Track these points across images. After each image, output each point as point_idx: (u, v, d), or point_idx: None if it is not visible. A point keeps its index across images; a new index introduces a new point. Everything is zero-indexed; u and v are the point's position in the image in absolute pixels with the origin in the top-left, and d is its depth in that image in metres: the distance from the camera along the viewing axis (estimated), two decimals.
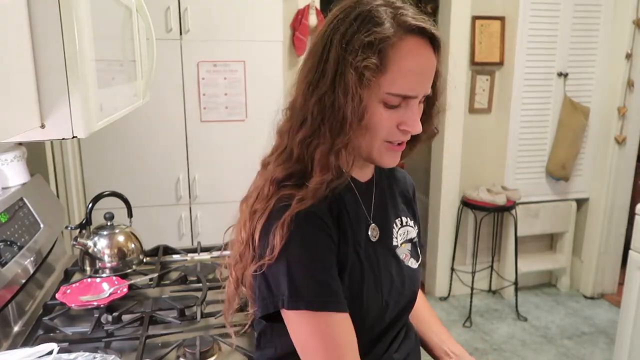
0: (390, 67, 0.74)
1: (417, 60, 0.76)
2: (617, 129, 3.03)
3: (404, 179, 1.01)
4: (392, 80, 0.74)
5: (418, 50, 0.76)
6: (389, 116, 0.77)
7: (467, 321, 2.92)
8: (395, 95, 0.75)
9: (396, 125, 0.78)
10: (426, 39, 0.77)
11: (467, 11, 2.85)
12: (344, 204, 0.83)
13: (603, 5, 2.94)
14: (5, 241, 1.15)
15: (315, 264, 0.75)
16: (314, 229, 0.76)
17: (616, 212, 3.15)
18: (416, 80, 0.76)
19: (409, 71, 0.75)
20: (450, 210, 3.11)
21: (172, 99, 2.27)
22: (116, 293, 1.24)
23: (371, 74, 0.73)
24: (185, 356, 1.03)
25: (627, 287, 2.11)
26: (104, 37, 0.88)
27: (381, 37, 0.73)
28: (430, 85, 0.79)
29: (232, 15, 2.23)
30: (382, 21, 0.74)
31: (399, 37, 0.74)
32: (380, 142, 0.79)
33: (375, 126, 0.77)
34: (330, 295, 0.74)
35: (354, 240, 0.82)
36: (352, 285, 0.79)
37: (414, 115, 0.77)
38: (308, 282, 0.74)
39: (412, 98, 0.77)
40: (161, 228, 2.32)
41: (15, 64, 0.62)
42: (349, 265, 0.79)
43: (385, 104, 0.76)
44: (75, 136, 0.72)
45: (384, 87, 0.74)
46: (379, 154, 0.80)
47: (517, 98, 2.99)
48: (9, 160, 1.33)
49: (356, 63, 0.72)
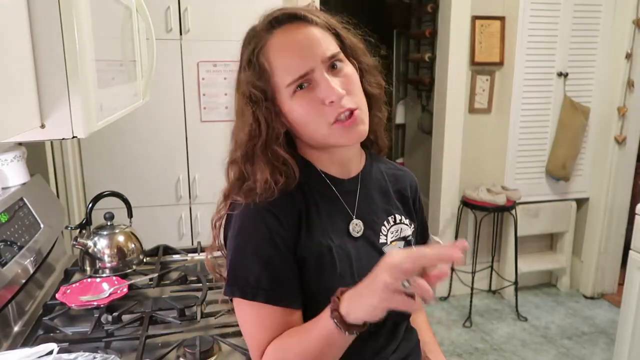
0: (272, 66, 0.80)
1: (287, 44, 0.79)
2: (617, 129, 3.03)
3: (404, 177, 1.01)
4: (281, 75, 0.79)
5: (284, 34, 0.80)
6: (308, 101, 0.79)
7: (467, 321, 2.92)
8: (292, 84, 0.79)
9: (322, 104, 0.79)
10: (290, 21, 0.81)
11: (467, 11, 2.84)
12: (314, 199, 0.85)
13: (603, 5, 2.94)
14: (5, 241, 1.15)
15: (252, 255, 0.80)
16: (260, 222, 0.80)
17: (616, 212, 3.15)
18: (297, 59, 0.79)
19: (286, 55, 0.79)
20: (450, 210, 3.11)
21: (172, 99, 2.26)
22: (116, 293, 1.24)
23: (254, 86, 0.80)
24: (185, 356, 1.03)
25: (627, 287, 2.11)
26: (104, 37, 0.88)
27: (250, 49, 0.82)
28: (320, 51, 0.79)
29: (232, 15, 2.23)
30: (251, 38, 0.83)
31: (265, 39, 0.81)
32: (323, 127, 0.80)
33: (304, 117, 0.80)
34: (262, 287, 0.78)
35: (325, 235, 0.83)
36: (320, 276, 0.81)
37: (327, 84, 0.78)
38: (243, 271, 0.80)
39: (308, 74, 0.78)
40: (161, 228, 2.32)
41: (15, 64, 0.62)
42: (314, 259, 0.81)
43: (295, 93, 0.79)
44: (75, 136, 0.72)
45: (282, 85, 0.79)
46: (331, 137, 0.81)
47: (517, 98, 2.98)
48: (9, 160, 1.33)
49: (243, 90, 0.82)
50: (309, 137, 0.84)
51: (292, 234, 0.81)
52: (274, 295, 0.78)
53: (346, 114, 0.80)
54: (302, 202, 0.84)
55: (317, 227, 0.83)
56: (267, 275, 0.79)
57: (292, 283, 0.80)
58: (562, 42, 2.95)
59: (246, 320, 0.82)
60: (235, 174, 0.86)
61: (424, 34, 3.26)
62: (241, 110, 0.83)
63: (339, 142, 0.83)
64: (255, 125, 0.81)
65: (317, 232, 0.83)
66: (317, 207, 0.85)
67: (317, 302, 0.80)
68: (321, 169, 0.88)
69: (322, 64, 0.79)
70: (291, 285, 0.80)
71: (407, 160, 3.95)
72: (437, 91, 3.08)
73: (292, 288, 0.80)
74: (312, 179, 0.87)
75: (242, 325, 0.83)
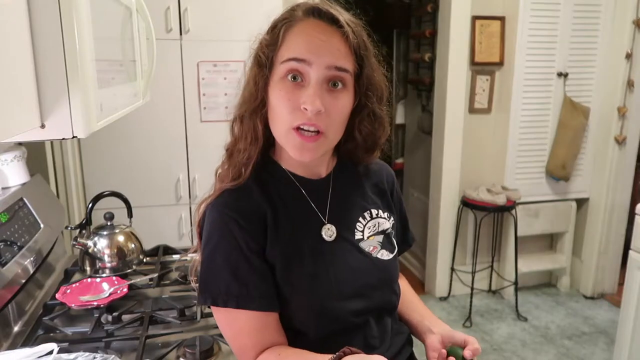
0: (284, 41, 0.80)
1: (311, 31, 0.80)
2: (617, 129, 3.03)
3: (380, 171, 1.01)
4: (285, 49, 0.80)
5: (315, 26, 0.80)
6: (289, 94, 0.79)
7: (467, 321, 2.92)
8: (287, 61, 0.78)
9: (298, 105, 0.78)
10: (330, 24, 0.80)
11: (467, 11, 2.84)
12: (282, 201, 0.85)
13: (603, 5, 2.94)
14: (5, 241, 1.15)
15: (221, 263, 0.81)
16: (226, 229, 0.81)
17: (616, 212, 3.15)
18: (308, 47, 0.78)
19: (300, 38, 0.79)
20: (450, 210, 3.11)
21: (172, 99, 2.26)
22: (116, 293, 1.24)
23: (261, 50, 0.81)
24: (185, 356, 1.03)
25: (627, 287, 2.11)
26: (104, 37, 0.88)
27: (281, 19, 0.82)
28: (331, 59, 0.78)
29: (232, 15, 2.23)
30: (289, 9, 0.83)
31: (298, 19, 0.81)
32: (285, 125, 0.80)
33: (277, 103, 0.80)
34: (232, 293, 0.79)
35: (296, 236, 0.84)
36: (289, 277, 0.82)
37: (314, 91, 0.78)
38: (213, 279, 0.81)
39: (306, 65, 0.78)
40: (161, 228, 2.32)
41: (15, 64, 0.62)
42: (283, 260, 0.82)
43: (285, 78, 0.79)
44: (75, 136, 0.72)
45: (280, 58, 0.80)
46: (286, 140, 0.82)
47: (517, 98, 2.98)
48: (9, 160, 1.33)
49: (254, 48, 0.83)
50: (273, 127, 0.84)
51: (257, 239, 0.82)
52: (246, 299, 0.80)
53: (310, 129, 0.79)
54: (267, 206, 0.84)
55: (286, 229, 0.84)
56: (236, 281, 0.80)
57: (262, 286, 0.81)
58: (562, 42, 2.95)
59: (224, 326, 0.85)
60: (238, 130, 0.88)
61: (424, 34, 3.26)
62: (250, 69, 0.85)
63: (290, 150, 0.82)
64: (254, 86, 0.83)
65: (286, 235, 0.84)
66: (285, 209, 0.85)
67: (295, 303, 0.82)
68: (289, 169, 0.89)
69: (324, 69, 0.78)
70: (262, 288, 0.81)
71: (407, 160, 3.95)
72: (437, 91, 3.08)
73: (263, 291, 0.81)
74: (279, 179, 0.87)
75: (222, 331, 0.86)
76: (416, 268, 3.60)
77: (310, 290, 0.83)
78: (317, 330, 0.84)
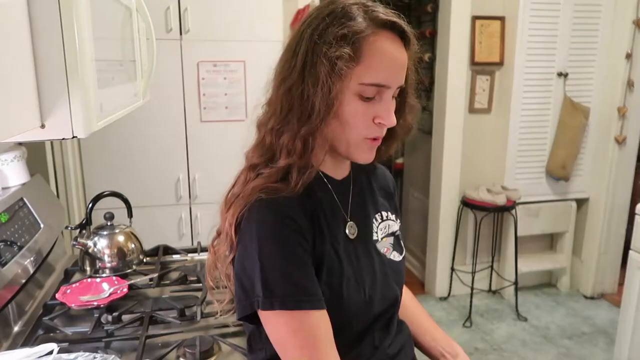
0: (363, 59, 0.76)
1: (390, 52, 0.78)
2: (617, 129, 3.03)
3: (383, 174, 1.03)
4: (366, 71, 0.77)
5: (391, 43, 0.79)
6: (364, 110, 0.79)
7: (467, 321, 2.92)
8: (368, 85, 0.77)
9: (372, 119, 0.80)
10: (397, 33, 0.80)
11: (467, 11, 2.84)
12: (319, 202, 0.85)
13: (603, 5, 2.94)
14: (5, 241, 1.15)
15: (287, 264, 0.76)
16: (286, 229, 0.77)
17: (616, 212, 3.15)
18: (389, 71, 0.78)
19: (381, 62, 0.77)
20: (450, 210, 3.11)
21: (172, 99, 2.26)
22: (116, 293, 1.24)
23: (344, 63, 0.75)
24: (185, 356, 1.03)
25: (627, 287, 2.11)
26: (104, 37, 0.88)
27: (355, 29, 0.76)
28: (402, 78, 0.81)
29: (232, 15, 2.23)
30: (354, 16, 0.77)
31: (372, 31, 0.77)
32: (358, 137, 0.81)
33: (351, 119, 0.79)
34: (304, 294, 0.76)
35: (332, 238, 0.83)
36: (332, 281, 0.81)
37: (389, 107, 0.80)
38: (281, 281, 0.75)
39: (385, 88, 0.79)
40: (161, 228, 2.32)
41: (15, 64, 0.62)
42: (326, 263, 0.81)
43: (360, 96, 0.78)
44: (75, 136, 0.71)
45: (357, 79, 0.77)
46: (356, 149, 0.82)
47: (517, 98, 2.98)
48: (9, 160, 1.33)
49: (330, 53, 0.75)
50: (337, 137, 0.81)
51: (310, 237, 0.80)
52: (317, 299, 0.77)
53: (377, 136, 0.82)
54: (311, 205, 0.83)
55: (326, 230, 0.83)
56: (306, 281, 0.76)
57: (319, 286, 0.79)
58: (562, 42, 2.95)
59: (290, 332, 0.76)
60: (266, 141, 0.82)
61: (424, 34, 3.26)
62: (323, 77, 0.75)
63: (359, 158, 0.84)
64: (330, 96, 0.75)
65: (327, 235, 0.83)
66: (322, 209, 0.85)
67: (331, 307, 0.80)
68: (321, 169, 0.88)
69: (397, 89, 0.81)
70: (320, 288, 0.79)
71: (407, 160, 3.95)
72: (437, 91, 3.08)
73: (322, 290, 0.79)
74: (314, 180, 0.86)
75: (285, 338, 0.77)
76: (416, 268, 3.60)
77: (345, 295, 0.82)
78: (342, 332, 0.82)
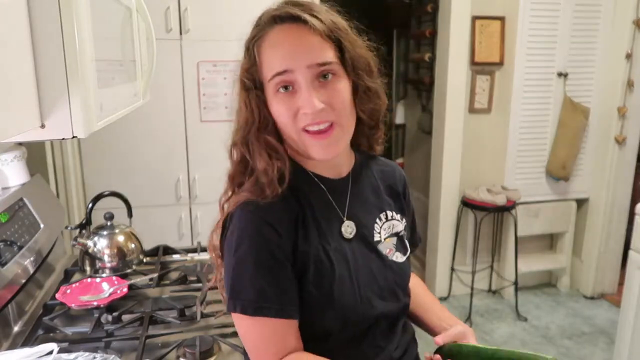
0: (261, 59, 0.81)
1: (280, 40, 0.80)
2: (617, 129, 3.03)
3: (393, 172, 1.01)
4: (266, 67, 0.81)
5: (280, 32, 0.81)
6: (287, 105, 0.80)
7: (467, 321, 2.92)
8: (273, 78, 0.80)
9: (297, 111, 0.80)
10: (294, 22, 0.80)
11: (467, 11, 2.84)
12: (308, 202, 0.85)
13: (603, 5, 2.94)
14: (5, 241, 1.15)
15: (256, 270, 0.78)
16: (262, 236, 0.79)
17: (616, 212, 3.15)
18: (284, 56, 0.79)
19: (274, 52, 0.80)
20: (450, 210, 3.11)
21: (172, 99, 2.27)
22: (116, 293, 1.24)
23: (244, 74, 0.83)
24: (185, 356, 1.03)
25: (627, 287, 2.11)
26: (104, 37, 0.88)
27: (248, 39, 0.84)
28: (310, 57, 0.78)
29: (232, 15, 2.23)
30: (255, 25, 0.84)
31: (264, 32, 0.82)
32: (293, 131, 0.81)
33: (280, 117, 0.82)
34: (265, 301, 0.78)
35: (321, 239, 0.83)
36: (321, 282, 0.81)
37: (308, 94, 0.79)
38: (247, 286, 0.78)
39: (290, 73, 0.78)
40: (161, 228, 2.32)
41: (15, 64, 0.62)
42: (313, 264, 0.81)
43: (277, 92, 0.81)
44: (75, 136, 0.72)
45: (265, 78, 0.81)
46: (304, 145, 0.83)
47: (517, 98, 2.98)
48: (9, 160, 1.33)
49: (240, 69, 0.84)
50: (286, 137, 0.85)
51: (290, 242, 0.81)
52: (277, 308, 0.78)
53: (320, 126, 0.80)
54: (297, 207, 0.83)
55: (314, 231, 0.83)
56: (270, 289, 0.78)
57: (292, 293, 0.80)
58: (562, 42, 2.95)
59: (248, 334, 0.82)
60: (237, 156, 0.88)
61: (424, 34, 3.26)
62: (238, 95, 0.86)
63: (312, 153, 0.83)
64: (248, 110, 0.83)
65: (314, 237, 0.83)
66: (312, 210, 0.85)
67: (321, 308, 0.81)
68: (311, 170, 0.88)
69: (308, 70, 0.78)
70: (291, 295, 0.80)
71: (407, 160, 3.95)
72: (437, 91, 3.08)
73: (293, 298, 0.80)
74: (304, 181, 0.87)
75: (243, 338, 0.83)
76: (416, 268, 3.60)
77: (337, 296, 0.82)
78: (338, 334, 0.83)
